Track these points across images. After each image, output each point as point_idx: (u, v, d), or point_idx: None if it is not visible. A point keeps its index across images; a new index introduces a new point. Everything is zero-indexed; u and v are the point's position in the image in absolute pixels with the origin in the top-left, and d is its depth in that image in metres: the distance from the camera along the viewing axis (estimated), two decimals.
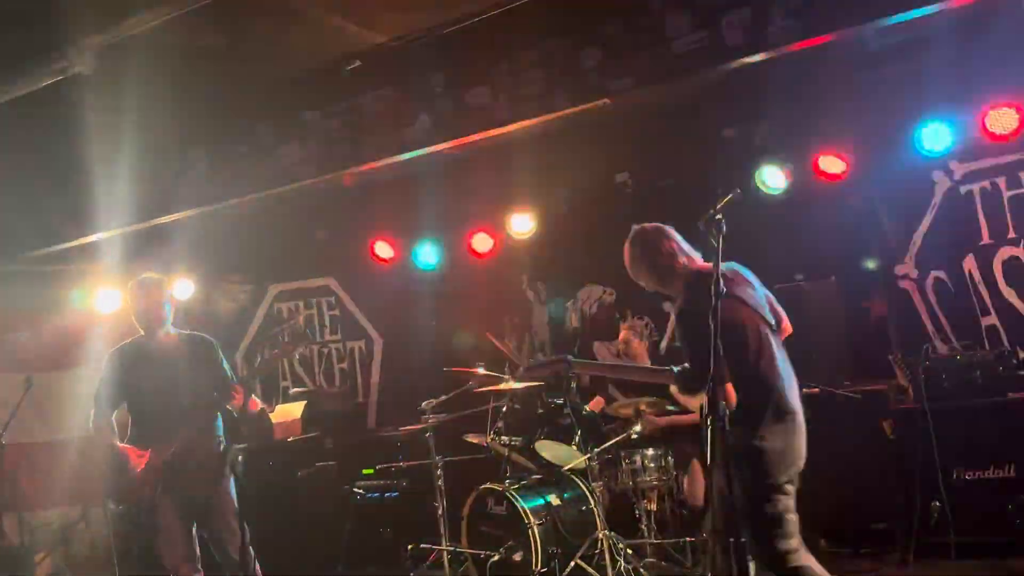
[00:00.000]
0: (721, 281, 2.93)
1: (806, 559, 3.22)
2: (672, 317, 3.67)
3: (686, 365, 3.31)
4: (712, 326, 2.86)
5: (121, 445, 4.57)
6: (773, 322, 3.53)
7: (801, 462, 3.32)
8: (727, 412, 2.82)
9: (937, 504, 5.00)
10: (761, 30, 4.13)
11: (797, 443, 3.32)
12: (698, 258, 3.60)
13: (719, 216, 3.03)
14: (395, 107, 5.14)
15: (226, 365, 4.75)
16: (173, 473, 4.48)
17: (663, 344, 6.70)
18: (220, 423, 4.65)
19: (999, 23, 4.84)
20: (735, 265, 3.56)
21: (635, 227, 3.67)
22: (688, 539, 5.28)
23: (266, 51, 4.64)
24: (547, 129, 5.93)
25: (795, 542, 3.22)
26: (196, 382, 4.57)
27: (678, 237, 3.63)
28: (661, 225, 3.65)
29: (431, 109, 5.01)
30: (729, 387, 3.06)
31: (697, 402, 3.26)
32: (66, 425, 7.04)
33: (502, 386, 5.66)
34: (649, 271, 3.59)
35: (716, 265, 2.98)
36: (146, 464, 4.48)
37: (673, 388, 3.46)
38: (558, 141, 6.34)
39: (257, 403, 4.69)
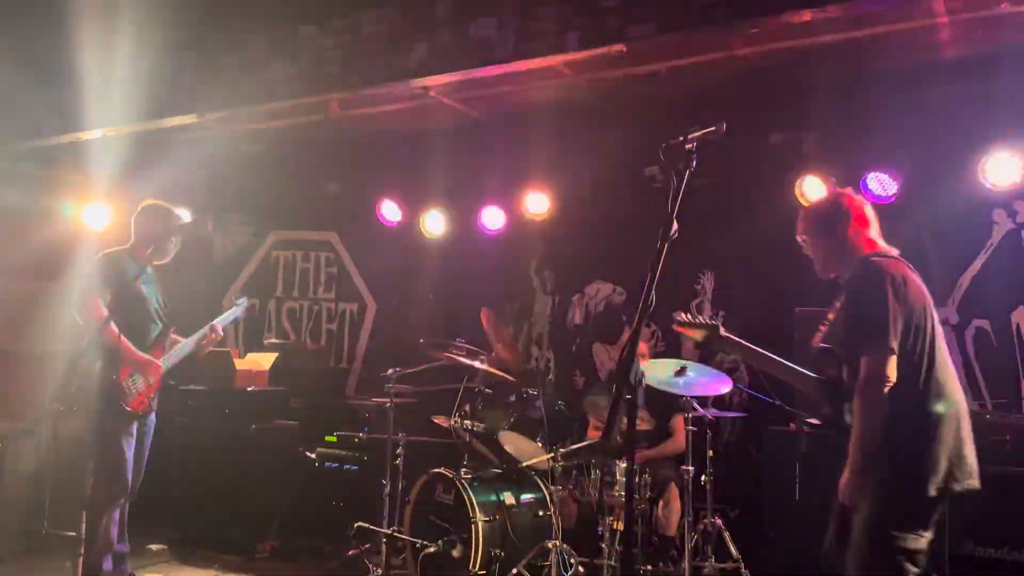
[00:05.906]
0: (675, 225, 2.40)
1: None
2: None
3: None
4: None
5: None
6: None
7: None
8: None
9: None
10: None
11: None
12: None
13: (690, 146, 2.45)
14: (393, 31, 4.64)
15: None
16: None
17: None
18: None
19: None
20: None
21: None
22: (647, 567, 4.70)
23: None
24: (573, 99, 5.43)
25: None
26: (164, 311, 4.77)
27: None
28: None
29: (431, 38, 4.50)
30: None
31: None
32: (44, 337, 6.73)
33: (477, 364, 5.17)
34: None
35: (673, 206, 2.42)
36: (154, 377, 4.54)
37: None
38: (586, 117, 5.84)
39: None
